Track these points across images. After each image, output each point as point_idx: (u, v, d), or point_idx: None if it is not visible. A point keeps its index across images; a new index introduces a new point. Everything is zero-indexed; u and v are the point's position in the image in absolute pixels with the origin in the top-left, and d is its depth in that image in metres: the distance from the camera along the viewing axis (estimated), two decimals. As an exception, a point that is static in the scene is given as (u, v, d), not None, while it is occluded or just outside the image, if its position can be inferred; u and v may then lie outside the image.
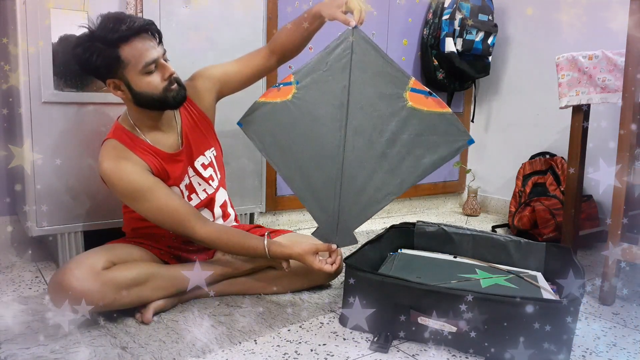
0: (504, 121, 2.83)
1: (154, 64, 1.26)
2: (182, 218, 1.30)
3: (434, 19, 2.58)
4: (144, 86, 1.27)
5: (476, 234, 1.66)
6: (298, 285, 1.50)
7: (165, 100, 1.30)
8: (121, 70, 1.25)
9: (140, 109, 1.32)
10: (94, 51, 1.21)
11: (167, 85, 1.29)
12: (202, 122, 1.48)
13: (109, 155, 1.29)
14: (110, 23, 1.21)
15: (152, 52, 1.25)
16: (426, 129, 1.22)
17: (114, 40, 1.20)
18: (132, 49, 1.22)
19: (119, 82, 1.27)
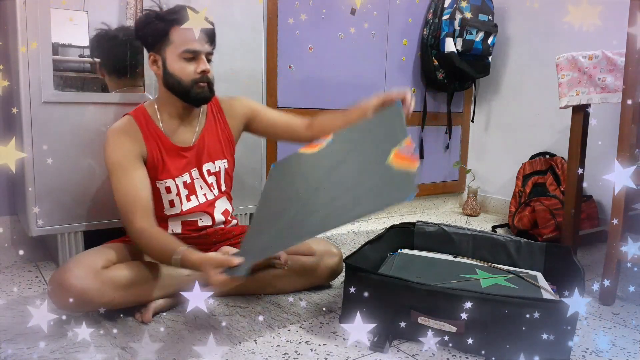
0: (504, 121, 2.83)
1: (193, 54, 1.32)
2: (132, 207, 1.29)
3: (434, 19, 2.58)
4: (176, 69, 1.33)
5: (476, 234, 1.66)
6: (298, 285, 1.50)
7: (189, 91, 1.35)
8: (164, 47, 1.33)
9: (167, 92, 1.38)
10: (150, 22, 1.33)
11: (198, 79, 1.34)
12: (224, 134, 1.51)
13: (118, 125, 1.37)
14: (176, 7, 1.33)
15: (196, 44, 1.32)
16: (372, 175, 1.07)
17: (169, 19, 1.31)
18: (180, 32, 1.31)
19: (158, 58, 1.35)
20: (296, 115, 1.59)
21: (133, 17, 1.64)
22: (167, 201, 1.41)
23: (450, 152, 2.92)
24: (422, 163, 2.81)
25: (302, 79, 2.29)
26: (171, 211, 1.41)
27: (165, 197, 1.40)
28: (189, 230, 1.45)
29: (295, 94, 2.28)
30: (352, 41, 2.41)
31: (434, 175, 2.88)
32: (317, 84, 2.35)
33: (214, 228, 1.49)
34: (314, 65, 2.32)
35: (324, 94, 2.37)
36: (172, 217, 1.42)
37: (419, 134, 2.75)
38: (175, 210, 1.41)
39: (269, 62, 2.13)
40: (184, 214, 1.42)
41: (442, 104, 2.82)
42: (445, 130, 2.86)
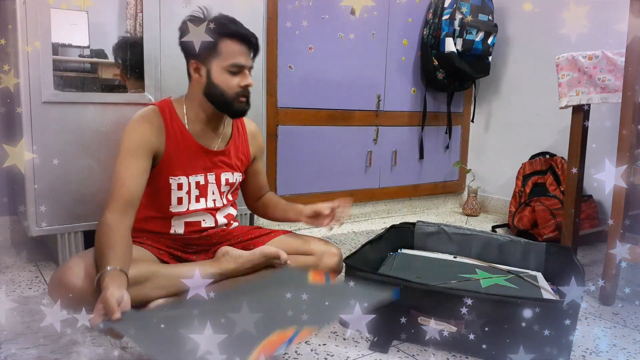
0: (504, 121, 2.83)
1: (239, 68, 1.35)
2: (116, 193, 1.27)
3: (434, 19, 2.58)
4: (221, 81, 1.35)
5: (476, 234, 1.66)
6: (298, 285, 1.50)
7: (230, 103, 1.37)
8: (210, 58, 1.34)
9: (204, 99, 1.39)
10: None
11: (240, 92, 1.37)
12: (245, 151, 1.55)
13: (142, 113, 1.38)
14: (223, 19, 1.35)
15: (243, 58, 1.35)
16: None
17: (219, 31, 1.32)
18: (229, 45, 1.33)
19: (202, 67, 1.36)
20: (264, 182, 1.64)
21: (133, 17, 1.64)
22: (176, 198, 1.41)
23: (450, 152, 2.92)
24: (422, 163, 2.81)
25: (302, 79, 2.29)
26: (177, 208, 1.41)
27: (174, 194, 1.40)
28: (191, 231, 1.45)
29: (295, 94, 2.28)
30: (352, 41, 2.41)
31: (434, 175, 2.88)
32: (317, 84, 2.35)
33: (215, 229, 1.50)
34: (314, 65, 2.32)
35: (324, 94, 2.37)
36: (177, 215, 1.42)
37: (419, 134, 2.75)
38: (181, 208, 1.42)
39: (269, 62, 2.13)
40: (189, 213, 1.43)
41: (442, 104, 2.82)
42: (445, 130, 2.86)
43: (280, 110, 2.24)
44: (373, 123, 2.56)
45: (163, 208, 1.40)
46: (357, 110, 2.49)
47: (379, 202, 2.69)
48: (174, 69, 1.69)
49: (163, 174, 1.38)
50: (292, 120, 2.29)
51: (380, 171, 2.63)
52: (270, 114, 2.19)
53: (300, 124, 2.31)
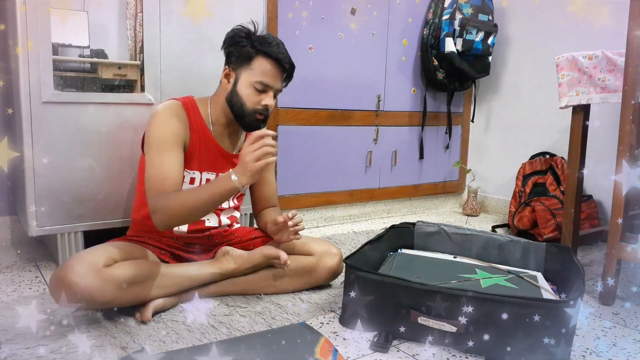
0: (504, 121, 2.83)
1: (264, 87, 1.39)
2: (162, 185, 1.29)
3: (434, 19, 2.58)
4: (244, 93, 1.39)
5: (476, 234, 1.66)
6: (298, 285, 1.50)
7: (244, 116, 1.41)
8: (242, 69, 1.39)
9: (225, 104, 1.43)
10: (240, 41, 1.39)
11: (259, 110, 1.41)
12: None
13: (168, 106, 1.41)
14: (269, 38, 1.40)
15: (271, 79, 1.39)
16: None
17: (258, 47, 1.37)
18: (263, 64, 1.38)
19: (232, 75, 1.41)
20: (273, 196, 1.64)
21: (133, 17, 1.64)
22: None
23: (450, 152, 2.92)
24: (422, 163, 2.81)
25: (302, 79, 2.29)
26: None
27: (185, 187, 1.42)
28: (194, 230, 1.45)
29: (295, 94, 2.28)
30: (352, 41, 2.41)
31: (434, 175, 2.88)
32: (317, 84, 2.35)
33: (218, 230, 1.50)
34: (314, 65, 2.32)
35: (324, 94, 2.37)
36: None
37: (419, 134, 2.75)
38: None
39: (269, 62, 2.13)
40: None
41: (442, 104, 2.82)
42: (445, 130, 2.86)
43: (280, 110, 2.24)
44: (373, 123, 2.56)
45: None
46: (357, 110, 2.49)
47: (379, 202, 2.69)
48: (174, 69, 1.69)
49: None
50: (292, 120, 2.29)
51: (380, 171, 2.63)
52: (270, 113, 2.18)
53: (300, 124, 2.31)
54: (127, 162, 1.65)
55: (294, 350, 1.16)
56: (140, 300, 1.29)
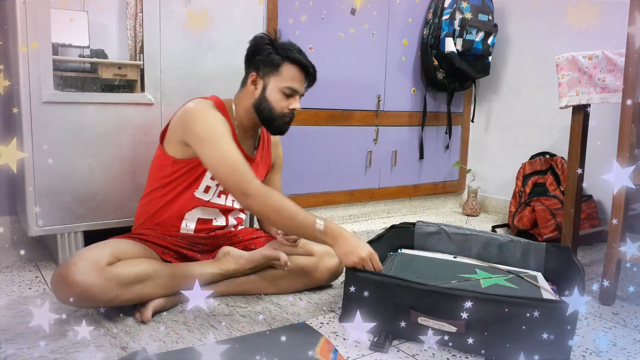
0: (504, 121, 2.83)
1: (293, 92, 1.43)
2: (245, 168, 1.31)
3: (434, 19, 2.58)
4: (273, 99, 1.43)
5: (476, 234, 1.66)
6: (298, 285, 1.50)
7: (273, 121, 1.45)
8: (270, 75, 1.43)
9: (251, 109, 1.46)
10: (265, 49, 1.42)
11: (287, 114, 1.45)
12: (267, 158, 1.62)
13: (204, 103, 1.42)
14: (291, 46, 1.44)
15: (299, 84, 1.45)
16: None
17: (284, 55, 1.42)
18: (290, 70, 1.43)
19: (260, 81, 1.44)
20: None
21: (133, 17, 1.64)
22: (205, 185, 1.45)
23: (450, 152, 2.92)
24: (422, 163, 2.81)
25: (302, 79, 2.29)
26: (201, 195, 1.45)
27: (205, 180, 1.44)
28: (201, 230, 1.46)
29: (295, 94, 2.28)
30: (352, 41, 2.41)
31: (434, 175, 2.88)
32: (317, 84, 2.33)
33: (224, 230, 1.51)
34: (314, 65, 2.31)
35: (324, 94, 2.37)
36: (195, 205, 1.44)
37: (419, 134, 2.75)
38: (206, 196, 1.45)
39: (269, 62, 2.13)
40: (208, 205, 1.45)
41: (442, 104, 2.82)
42: (445, 130, 2.86)
43: (280, 110, 2.24)
44: (373, 123, 2.56)
45: (188, 191, 1.43)
46: (357, 110, 2.49)
47: (379, 202, 2.69)
48: (174, 69, 1.69)
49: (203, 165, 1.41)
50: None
51: (380, 171, 2.63)
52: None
53: (300, 124, 2.31)
54: (127, 162, 1.65)
55: (294, 350, 1.16)
56: (142, 299, 1.29)
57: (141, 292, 1.27)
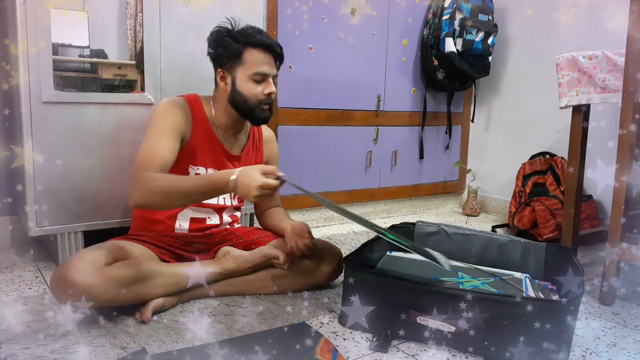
0: (504, 121, 2.83)
1: (263, 76, 1.39)
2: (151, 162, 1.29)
3: (434, 19, 2.58)
4: (245, 89, 1.40)
5: (476, 234, 1.65)
6: (298, 285, 1.50)
7: (253, 110, 1.42)
8: (235, 67, 1.39)
9: (229, 105, 1.44)
10: (224, 41, 1.39)
11: (263, 100, 1.41)
12: (258, 155, 1.60)
13: (173, 99, 1.43)
14: (249, 29, 1.40)
15: (267, 67, 1.40)
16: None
17: (244, 41, 1.37)
18: (253, 55, 1.38)
19: (227, 75, 1.42)
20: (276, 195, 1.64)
21: (133, 17, 1.64)
22: None
23: (450, 152, 2.92)
24: (422, 163, 2.81)
25: (302, 79, 2.29)
26: None
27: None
28: (195, 229, 1.46)
29: (295, 94, 2.28)
30: (352, 41, 2.41)
31: (434, 175, 2.88)
32: (317, 84, 2.35)
33: (219, 229, 1.50)
34: (314, 65, 2.32)
35: (324, 94, 2.37)
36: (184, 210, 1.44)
37: (419, 134, 2.75)
38: None
39: (269, 62, 2.13)
40: (199, 206, 1.44)
41: (442, 104, 2.82)
42: (445, 130, 2.86)
43: (280, 110, 2.24)
44: (373, 123, 2.56)
45: None
46: (357, 110, 2.49)
47: (379, 202, 2.69)
48: (174, 69, 1.69)
49: (184, 162, 1.42)
50: (292, 120, 2.29)
51: (380, 171, 2.63)
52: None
53: (300, 124, 2.31)
54: (127, 162, 1.65)
55: (294, 350, 1.16)
56: (141, 299, 1.29)
57: (140, 292, 1.28)
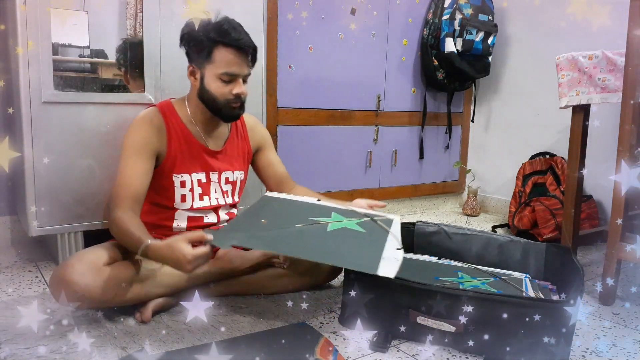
0: (504, 121, 2.83)
1: (231, 77, 1.35)
2: (122, 193, 1.30)
3: (434, 19, 2.58)
4: (213, 87, 1.37)
5: (476, 234, 1.65)
6: (298, 285, 1.50)
7: (220, 109, 1.39)
8: (205, 64, 1.36)
9: (199, 101, 1.41)
10: (196, 37, 1.35)
11: (232, 100, 1.38)
12: (245, 147, 1.57)
13: (144, 115, 1.40)
14: (225, 25, 1.34)
15: (236, 67, 1.35)
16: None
17: (215, 39, 1.33)
18: (223, 54, 1.34)
19: (197, 71, 1.38)
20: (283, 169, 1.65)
21: (133, 17, 1.64)
22: (179, 195, 1.43)
23: (450, 152, 2.92)
24: (422, 163, 2.81)
25: (302, 79, 2.29)
26: (181, 205, 1.43)
27: (178, 191, 1.42)
28: (193, 227, 1.46)
29: (295, 94, 2.28)
30: (352, 41, 2.41)
31: (434, 175, 2.88)
32: (317, 84, 2.35)
33: (217, 226, 1.50)
34: (314, 65, 2.32)
35: (324, 94, 2.37)
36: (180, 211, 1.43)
37: (419, 133, 2.75)
38: (185, 205, 1.43)
39: (269, 62, 2.13)
40: (193, 210, 1.44)
41: (442, 104, 2.82)
42: (445, 130, 2.86)
43: (280, 110, 2.24)
44: (373, 123, 2.56)
45: (168, 204, 1.43)
46: (357, 110, 2.49)
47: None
48: (174, 69, 1.69)
49: (166, 172, 1.40)
50: (292, 120, 2.29)
51: (380, 171, 2.63)
52: (270, 114, 2.19)
53: (300, 124, 2.31)
54: (127, 162, 1.65)
55: (294, 350, 1.16)
56: (140, 299, 1.29)
57: (140, 292, 1.28)
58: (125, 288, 1.23)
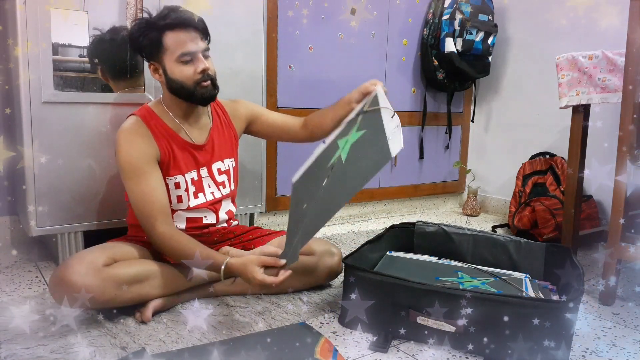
0: (504, 121, 2.83)
1: (189, 55, 1.32)
2: (151, 211, 1.31)
3: (434, 19, 2.58)
4: (177, 74, 1.34)
5: (476, 234, 1.66)
6: (298, 285, 1.50)
7: (193, 93, 1.36)
8: (161, 55, 1.34)
9: (172, 96, 1.39)
10: (142, 33, 1.33)
11: (200, 79, 1.35)
12: (229, 132, 1.54)
13: (127, 127, 1.36)
14: (165, 11, 1.32)
15: (190, 44, 1.32)
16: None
17: (160, 26, 1.31)
18: (173, 37, 1.31)
19: (158, 66, 1.36)
20: (291, 116, 1.62)
21: (133, 17, 1.64)
22: (175, 197, 1.42)
23: (450, 152, 2.92)
24: (422, 163, 2.81)
25: (302, 79, 2.29)
26: (178, 206, 1.43)
27: (173, 193, 1.41)
28: (192, 228, 1.45)
29: (295, 94, 2.28)
30: (352, 41, 2.41)
31: (434, 175, 2.88)
32: (317, 84, 2.35)
33: (216, 227, 1.50)
34: (314, 65, 2.32)
35: (324, 94, 2.37)
36: (178, 212, 1.43)
37: (419, 134, 2.75)
38: (182, 205, 1.43)
39: (269, 62, 2.13)
40: (190, 210, 1.43)
41: (442, 104, 2.82)
42: (445, 130, 2.86)
43: (281, 110, 2.24)
44: (373, 123, 2.56)
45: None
46: (357, 110, 2.49)
47: (379, 202, 2.69)
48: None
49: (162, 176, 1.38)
50: (292, 120, 2.28)
51: (380, 171, 2.63)
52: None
53: (300, 124, 2.31)
54: (127, 162, 1.65)
55: (294, 350, 1.16)
56: (140, 299, 1.29)
57: (140, 293, 1.28)
58: (125, 288, 1.23)
